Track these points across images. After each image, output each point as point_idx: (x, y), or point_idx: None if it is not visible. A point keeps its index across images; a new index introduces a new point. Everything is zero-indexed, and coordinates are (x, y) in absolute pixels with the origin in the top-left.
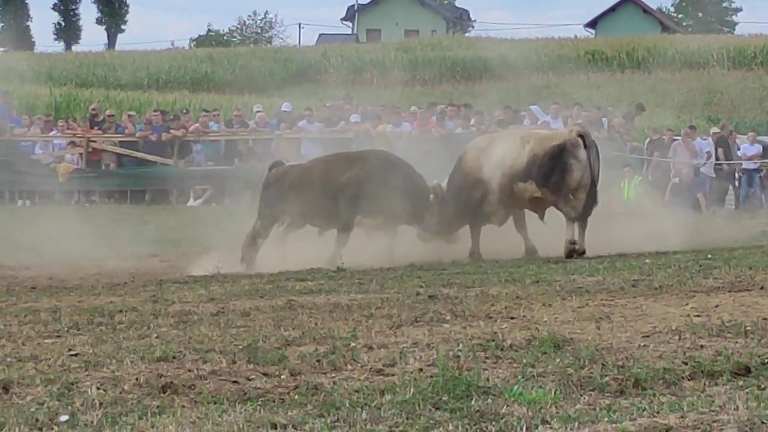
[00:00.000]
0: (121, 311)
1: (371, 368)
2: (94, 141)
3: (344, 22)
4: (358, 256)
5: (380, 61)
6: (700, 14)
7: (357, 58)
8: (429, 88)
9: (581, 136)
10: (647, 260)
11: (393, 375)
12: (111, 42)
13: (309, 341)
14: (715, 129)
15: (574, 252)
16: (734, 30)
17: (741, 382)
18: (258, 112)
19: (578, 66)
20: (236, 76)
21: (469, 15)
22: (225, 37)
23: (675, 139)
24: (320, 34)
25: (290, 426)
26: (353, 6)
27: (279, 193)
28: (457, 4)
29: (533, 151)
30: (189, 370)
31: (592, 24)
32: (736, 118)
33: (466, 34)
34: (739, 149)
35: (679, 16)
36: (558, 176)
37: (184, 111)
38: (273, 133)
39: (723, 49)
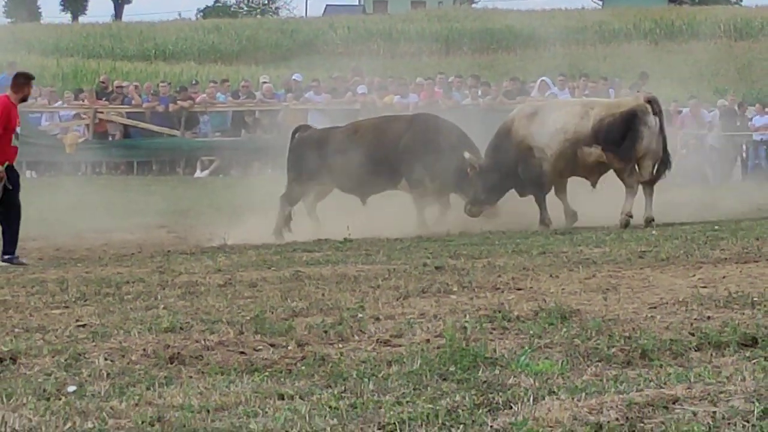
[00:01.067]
0: (128, 282)
1: (378, 339)
2: (101, 112)
3: None
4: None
5: (387, 33)
6: None
7: (364, 29)
8: (436, 59)
9: (650, 102)
10: (654, 231)
11: (400, 346)
12: (117, 13)
13: (316, 312)
14: (723, 101)
15: (628, 224)
16: (741, 1)
17: (748, 353)
18: (265, 83)
19: (585, 37)
20: (243, 47)
21: None
22: (232, 8)
23: (681, 111)
24: (327, 5)
25: (297, 396)
26: None
27: (317, 157)
28: None
29: (600, 116)
30: (196, 341)
31: None
32: (742, 89)
33: (473, 6)
34: (751, 120)
35: None
36: (628, 143)
37: (194, 82)
38: (280, 104)
39: (730, 21)
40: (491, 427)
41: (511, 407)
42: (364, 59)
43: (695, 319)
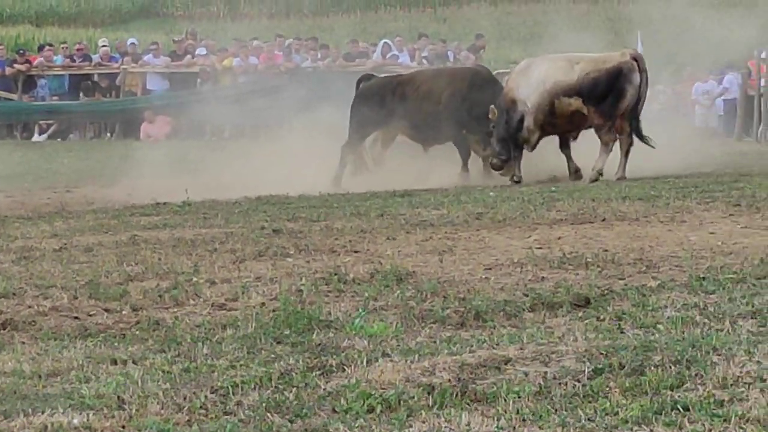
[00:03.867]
0: None
1: (213, 303)
2: None
3: None
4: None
5: None
6: None
7: None
8: (276, 22)
9: (636, 59)
10: (491, 193)
11: (235, 310)
12: None
13: (151, 276)
14: None
15: (597, 180)
16: None
17: (580, 314)
18: (103, 46)
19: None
20: (81, 10)
21: None
22: None
23: None
24: None
25: (130, 361)
26: None
27: (383, 105)
28: None
29: (585, 70)
30: (29, 307)
31: None
32: (581, 51)
33: None
34: None
35: None
36: (611, 100)
37: (47, 47)
38: (118, 67)
39: None
40: (324, 389)
41: (345, 370)
42: (203, 22)
43: (529, 280)
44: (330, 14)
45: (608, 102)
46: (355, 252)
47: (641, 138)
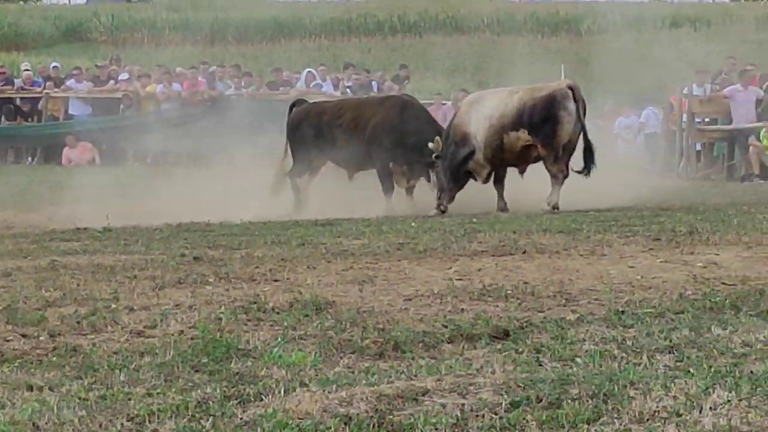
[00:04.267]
0: None
1: (132, 330)
2: None
3: None
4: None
5: (151, 21)
6: None
7: (128, 17)
8: (200, 48)
9: (571, 88)
10: (413, 223)
11: (153, 337)
12: None
13: (70, 302)
14: None
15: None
16: None
17: (499, 346)
18: (25, 70)
19: (350, 29)
20: (4, 34)
21: None
22: None
23: (444, 104)
24: None
25: (46, 388)
26: None
27: (315, 131)
28: None
29: (522, 100)
30: None
31: None
32: (505, 83)
33: None
34: None
35: None
36: (549, 128)
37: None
38: (41, 91)
39: (493, 15)
40: (241, 419)
41: (262, 399)
42: (127, 48)
43: (449, 311)
44: (254, 42)
45: (547, 130)
46: (275, 281)
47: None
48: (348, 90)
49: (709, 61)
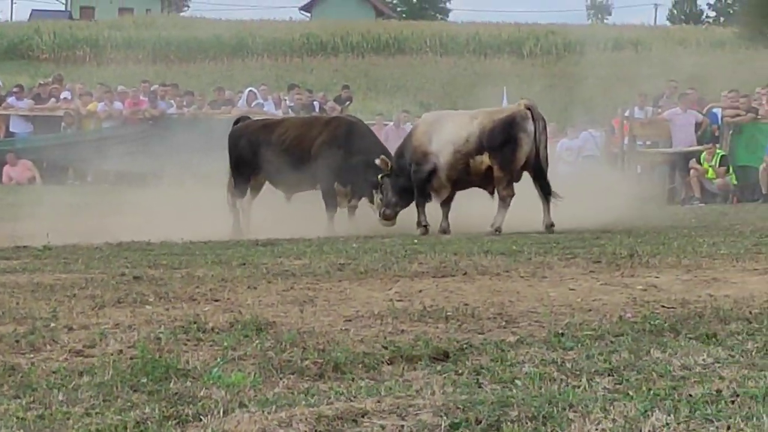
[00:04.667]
0: None
1: (71, 349)
2: None
3: None
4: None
5: (93, 39)
6: (415, 0)
7: (70, 35)
8: (142, 67)
9: (529, 108)
10: (354, 244)
11: (92, 356)
12: None
13: (8, 321)
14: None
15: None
16: (447, 17)
17: (439, 367)
18: None
19: (293, 49)
20: None
21: None
22: None
23: (386, 124)
24: (33, 10)
25: None
26: None
27: (255, 148)
28: None
29: (482, 123)
30: None
31: (308, 7)
32: (447, 104)
33: (181, 14)
34: None
35: (394, 1)
36: (509, 150)
37: None
38: None
39: (436, 36)
40: None
41: (201, 419)
42: (69, 66)
43: (389, 332)
44: (197, 61)
45: (506, 153)
46: (216, 300)
47: (548, 193)
48: (290, 110)
49: (651, 83)
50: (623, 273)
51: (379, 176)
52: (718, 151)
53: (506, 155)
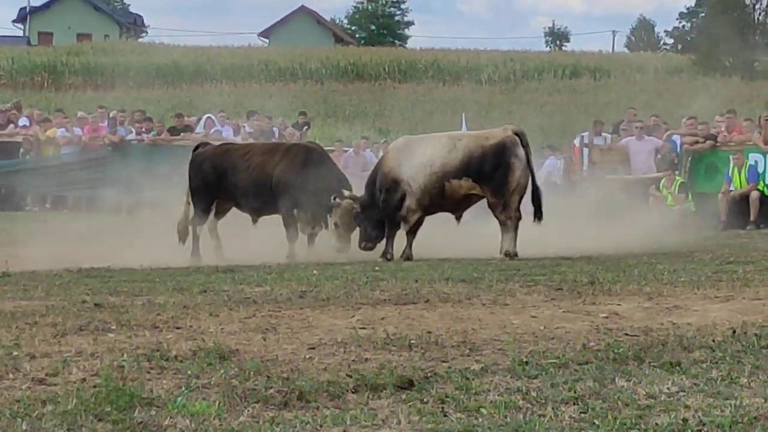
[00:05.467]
0: None
1: (33, 378)
2: None
3: (16, 24)
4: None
5: (52, 65)
6: (373, 27)
7: (28, 60)
8: (101, 93)
9: (518, 134)
10: (315, 271)
11: (55, 385)
12: None
13: None
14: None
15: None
16: (406, 43)
17: (404, 396)
18: None
19: (251, 75)
20: None
21: (143, 20)
22: None
23: (345, 151)
24: None
25: None
26: (25, 8)
27: (218, 172)
28: (131, 9)
29: (468, 148)
30: None
31: (266, 33)
32: (406, 130)
33: (140, 40)
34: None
35: (353, 28)
36: (501, 176)
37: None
38: None
39: (394, 62)
40: None
41: None
42: (27, 92)
43: (353, 360)
44: (156, 87)
45: (498, 178)
46: (178, 328)
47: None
48: (249, 136)
49: (610, 110)
50: (585, 300)
51: (332, 197)
52: (677, 178)
53: (499, 181)
